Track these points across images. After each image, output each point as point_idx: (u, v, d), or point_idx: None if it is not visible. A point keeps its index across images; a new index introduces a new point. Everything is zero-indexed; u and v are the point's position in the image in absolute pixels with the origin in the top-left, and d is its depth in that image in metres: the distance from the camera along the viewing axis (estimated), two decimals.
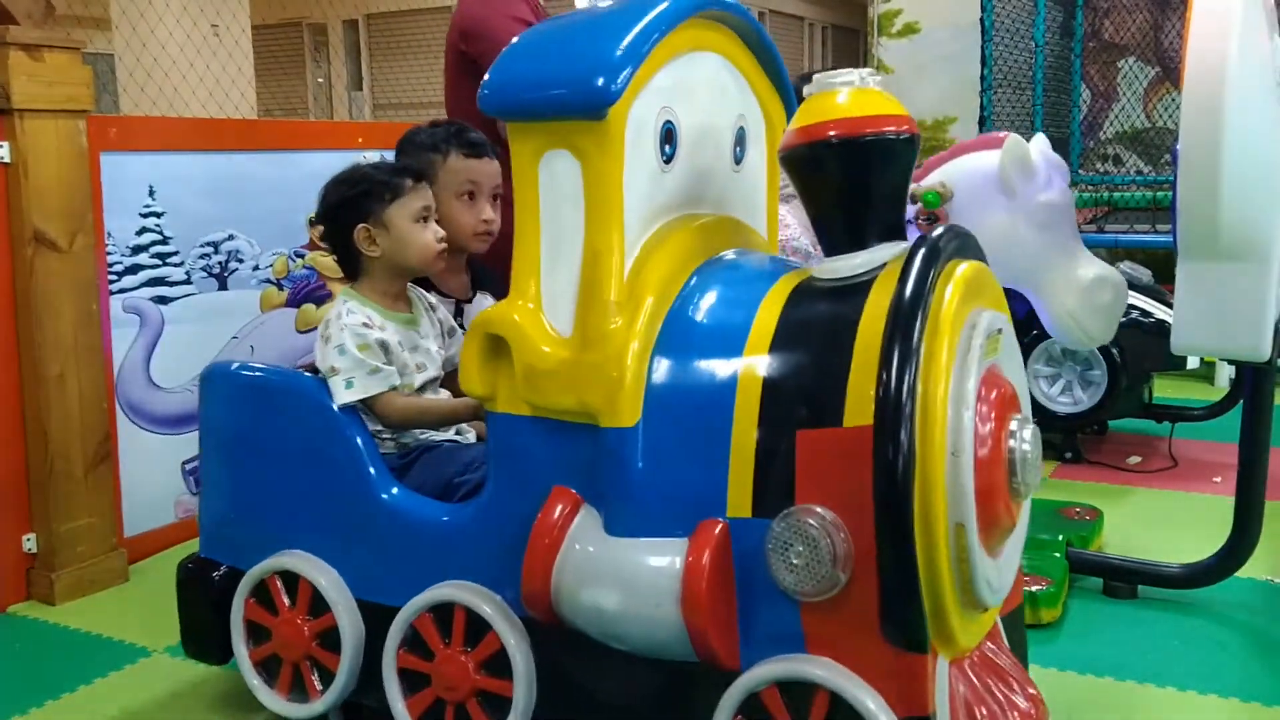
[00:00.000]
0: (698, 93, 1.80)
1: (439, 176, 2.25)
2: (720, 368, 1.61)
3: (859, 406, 1.48)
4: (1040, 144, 2.94)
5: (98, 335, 2.82)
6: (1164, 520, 3.12)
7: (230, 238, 3.22)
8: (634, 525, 1.61)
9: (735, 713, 1.55)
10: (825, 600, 1.49)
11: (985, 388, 1.53)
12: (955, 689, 1.53)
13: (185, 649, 2.16)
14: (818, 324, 1.61)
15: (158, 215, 3.03)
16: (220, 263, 3.20)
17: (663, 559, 1.57)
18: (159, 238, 3.04)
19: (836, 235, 1.67)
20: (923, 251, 1.51)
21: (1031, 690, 1.67)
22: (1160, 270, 3.80)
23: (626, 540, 1.61)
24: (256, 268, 3.29)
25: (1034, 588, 2.39)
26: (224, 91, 6.48)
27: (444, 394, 2.14)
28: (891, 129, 1.59)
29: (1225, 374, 4.61)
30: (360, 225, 2.04)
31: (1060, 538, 2.63)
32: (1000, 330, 1.61)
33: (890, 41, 6.49)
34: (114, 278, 2.93)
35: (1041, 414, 3.63)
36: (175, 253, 3.08)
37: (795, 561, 1.48)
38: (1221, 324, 2.21)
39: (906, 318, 1.45)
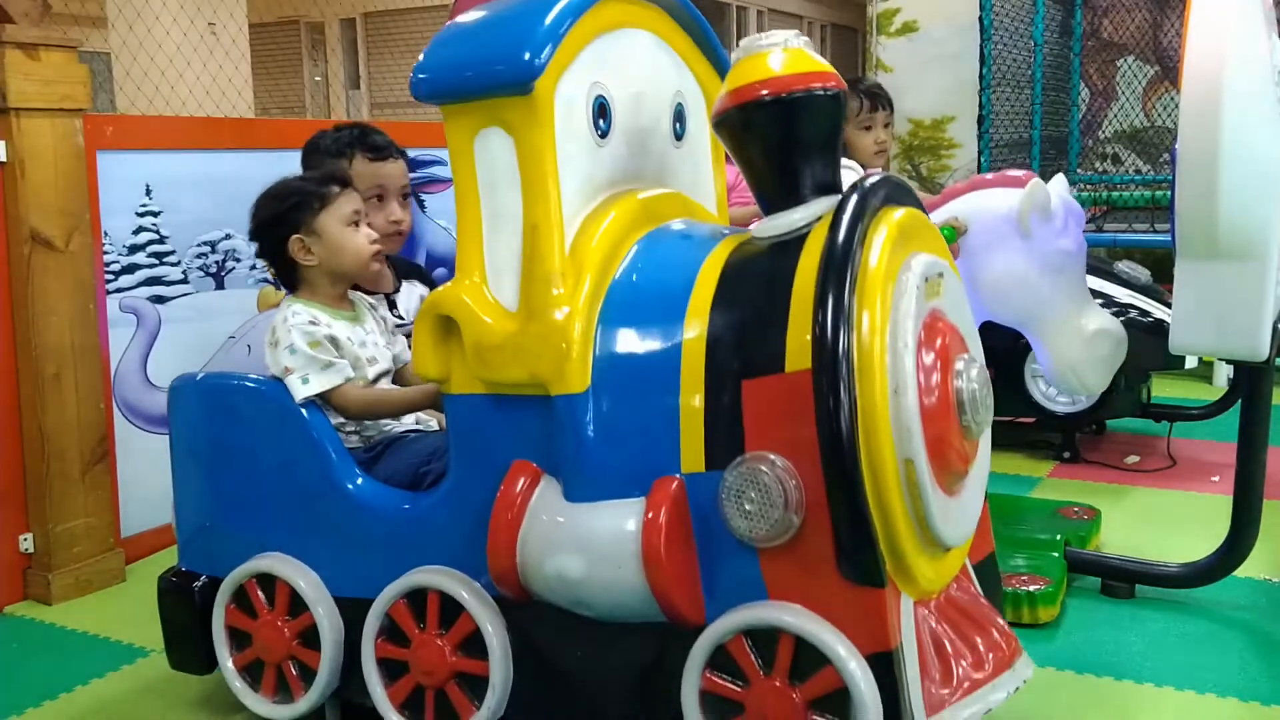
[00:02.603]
0: (630, 68, 1.85)
1: None
2: (664, 328, 1.66)
3: (799, 352, 1.52)
4: (1060, 187, 2.94)
5: (94, 335, 2.81)
6: (1162, 520, 3.12)
7: (227, 237, 3.21)
8: (591, 490, 1.64)
9: (705, 666, 1.58)
10: (782, 545, 1.53)
11: (927, 329, 1.57)
12: (923, 626, 1.57)
13: (170, 661, 2.16)
14: (756, 278, 1.65)
15: (155, 214, 3.03)
16: (217, 262, 3.20)
17: (621, 520, 1.60)
18: (156, 237, 3.04)
19: (773, 195, 1.71)
20: (854, 198, 1.56)
21: (1001, 624, 1.70)
22: (1159, 269, 3.80)
23: (585, 505, 1.64)
24: (253, 267, 3.29)
25: (1032, 587, 2.39)
26: (221, 90, 6.47)
27: (397, 388, 2.15)
28: (819, 85, 1.63)
29: (1223, 373, 4.62)
30: (294, 236, 2.06)
31: (1058, 537, 2.63)
32: (941, 274, 1.65)
33: (889, 40, 6.48)
34: (111, 277, 2.93)
35: (1040, 413, 3.63)
36: (172, 252, 3.08)
37: (748, 508, 1.52)
38: (1220, 323, 2.21)
39: (839, 259, 1.50)
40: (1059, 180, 3.00)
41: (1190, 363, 3.78)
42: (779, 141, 1.67)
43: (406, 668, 1.85)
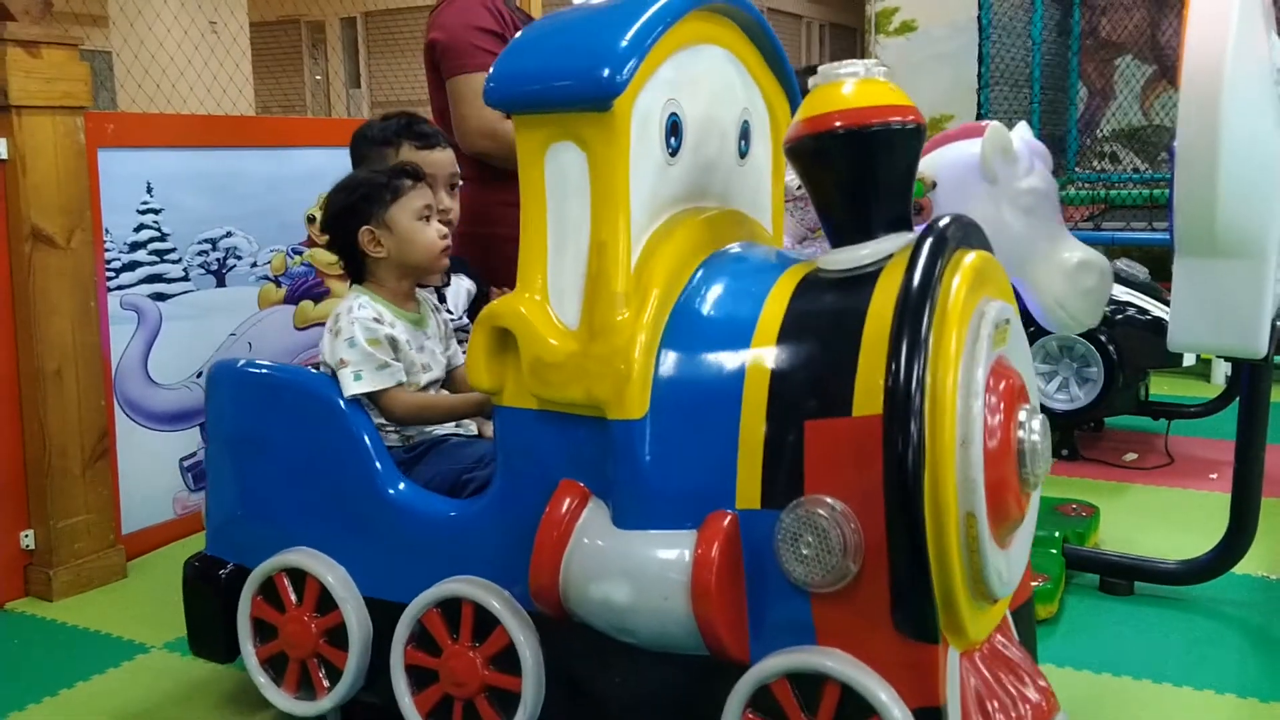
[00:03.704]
0: (703, 85, 1.80)
1: None
2: (727, 359, 1.61)
3: (868, 396, 1.48)
4: (1021, 131, 2.95)
5: (96, 332, 2.82)
6: (1160, 517, 3.12)
7: (228, 235, 3.22)
8: (642, 518, 1.60)
9: (745, 706, 1.55)
10: (836, 591, 1.49)
11: (994, 378, 1.53)
12: (966, 680, 1.53)
13: (191, 647, 2.15)
14: (825, 315, 1.61)
15: (155, 212, 3.03)
16: (218, 259, 3.20)
17: (672, 551, 1.56)
18: (157, 234, 3.04)
19: (842, 227, 1.67)
20: (930, 240, 1.51)
21: (1042, 683, 1.67)
22: (1157, 268, 3.81)
23: (635, 533, 1.60)
24: (254, 264, 3.29)
25: (1030, 584, 2.39)
26: (221, 88, 6.48)
27: (444, 394, 2.14)
28: (897, 119, 1.59)
29: (1222, 371, 4.62)
30: (364, 228, 2.05)
31: (1057, 534, 2.63)
32: (1008, 321, 1.61)
33: (887, 39, 6.49)
34: (112, 275, 2.93)
35: None
36: (173, 249, 3.08)
37: (805, 552, 1.48)
38: (1218, 321, 2.21)
39: (915, 306, 1.45)
40: (1021, 126, 3.01)
41: (1188, 360, 3.80)
42: (851, 174, 1.62)
43: (435, 676, 1.82)
